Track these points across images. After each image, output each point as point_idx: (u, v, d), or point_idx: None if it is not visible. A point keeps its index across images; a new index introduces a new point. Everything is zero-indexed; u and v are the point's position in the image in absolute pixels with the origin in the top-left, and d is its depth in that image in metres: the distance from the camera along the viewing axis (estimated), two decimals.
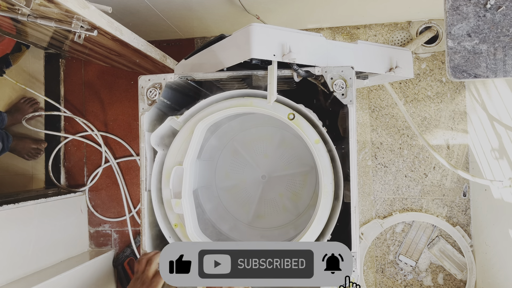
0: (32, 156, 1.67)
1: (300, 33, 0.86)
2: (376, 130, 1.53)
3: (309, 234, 0.82)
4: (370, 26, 1.54)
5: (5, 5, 0.83)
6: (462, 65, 0.78)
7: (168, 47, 1.67)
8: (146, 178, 0.90)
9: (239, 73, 0.88)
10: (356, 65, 0.92)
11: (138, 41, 1.09)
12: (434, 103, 1.50)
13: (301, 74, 0.84)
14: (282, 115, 0.84)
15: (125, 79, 1.68)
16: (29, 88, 1.59)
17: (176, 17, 1.42)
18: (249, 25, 0.82)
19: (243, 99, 0.86)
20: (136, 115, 1.66)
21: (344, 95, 0.82)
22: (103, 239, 1.67)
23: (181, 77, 0.89)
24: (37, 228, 1.37)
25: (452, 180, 1.49)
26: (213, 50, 0.92)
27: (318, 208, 0.82)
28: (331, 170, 0.82)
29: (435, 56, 1.50)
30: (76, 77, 1.71)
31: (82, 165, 1.70)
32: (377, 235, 1.53)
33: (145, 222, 0.90)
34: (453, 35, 0.78)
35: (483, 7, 0.77)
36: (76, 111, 1.70)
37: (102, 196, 1.68)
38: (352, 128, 0.81)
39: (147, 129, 0.90)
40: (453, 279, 1.49)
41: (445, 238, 1.49)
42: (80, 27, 0.88)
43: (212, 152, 1.17)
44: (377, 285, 1.54)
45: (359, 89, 1.54)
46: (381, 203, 1.53)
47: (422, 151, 1.50)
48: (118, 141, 1.67)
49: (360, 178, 1.54)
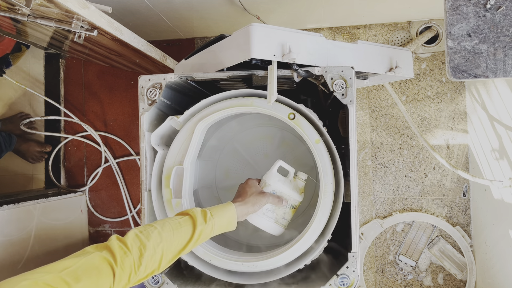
0: (36, 159, 1.67)
1: (300, 33, 0.86)
2: (376, 130, 1.54)
3: (309, 234, 0.82)
4: (370, 26, 1.54)
5: (5, 5, 0.83)
6: (462, 65, 0.78)
7: (168, 47, 1.67)
8: (146, 178, 0.90)
9: (239, 73, 0.88)
10: (356, 65, 0.92)
11: (138, 41, 1.09)
12: (434, 103, 1.50)
13: (301, 74, 0.85)
14: (283, 115, 0.84)
15: (125, 79, 1.68)
16: (29, 88, 1.59)
17: (176, 17, 1.42)
18: (249, 25, 0.82)
19: (243, 99, 0.86)
20: (136, 115, 1.66)
21: (344, 95, 0.82)
22: (103, 239, 1.67)
23: (181, 77, 0.89)
24: (37, 228, 1.37)
25: (452, 180, 1.49)
26: (213, 50, 0.92)
27: (318, 208, 0.82)
28: (331, 170, 0.82)
29: (435, 56, 1.50)
30: (76, 77, 1.71)
31: (82, 165, 1.70)
32: (377, 235, 1.53)
33: (145, 222, 0.90)
34: (453, 35, 0.78)
35: (483, 7, 0.77)
36: (76, 111, 1.69)
37: (102, 196, 1.68)
38: (352, 128, 0.81)
39: (147, 129, 0.90)
40: (453, 279, 1.49)
41: (445, 238, 1.49)
42: (80, 27, 0.88)
43: (212, 152, 1.17)
44: (377, 285, 1.54)
45: (359, 89, 1.54)
46: (381, 203, 1.53)
47: (422, 151, 1.50)
48: (118, 141, 1.67)
49: (360, 178, 1.54)
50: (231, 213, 0.77)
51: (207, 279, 0.92)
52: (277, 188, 0.87)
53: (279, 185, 0.87)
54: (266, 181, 0.88)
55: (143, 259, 0.59)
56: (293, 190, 0.89)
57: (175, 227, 0.66)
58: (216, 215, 0.73)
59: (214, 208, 0.75)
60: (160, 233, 0.63)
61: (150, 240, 0.61)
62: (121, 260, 0.56)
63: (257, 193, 0.84)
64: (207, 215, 0.71)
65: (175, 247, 0.65)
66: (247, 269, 0.86)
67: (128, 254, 0.57)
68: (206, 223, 0.70)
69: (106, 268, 0.54)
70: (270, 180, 0.88)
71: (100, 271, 0.53)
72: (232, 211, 0.77)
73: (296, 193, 0.89)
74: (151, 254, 0.60)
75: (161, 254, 0.62)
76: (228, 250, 0.91)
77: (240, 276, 0.89)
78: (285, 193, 0.88)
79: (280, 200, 0.86)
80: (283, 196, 0.87)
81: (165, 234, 0.64)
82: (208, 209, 0.73)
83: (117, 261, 0.55)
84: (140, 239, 0.60)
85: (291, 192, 0.88)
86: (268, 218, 0.87)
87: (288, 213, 0.89)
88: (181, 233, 0.66)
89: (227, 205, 0.79)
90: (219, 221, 0.73)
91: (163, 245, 0.62)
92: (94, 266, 0.53)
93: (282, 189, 0.88)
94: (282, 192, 0.88)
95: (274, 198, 0.85)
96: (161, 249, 0.62)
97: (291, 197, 0.88)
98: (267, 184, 0.88)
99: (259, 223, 0.87)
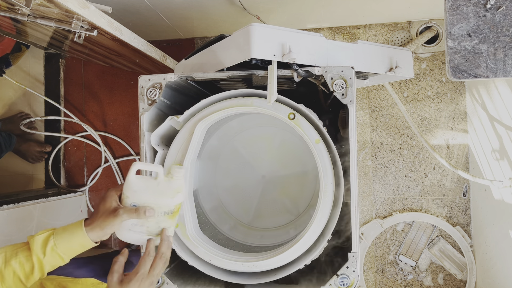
0: (36, 159, 1.67)
1: (300, 33, 0.86)
2: (376, 130, 1.53)
3: (309, 234, 0.82)
4: (370, 26, 1.54)
5: (5, 5, 0.83)
6: (462, 65, 0.78)
7: (168, 47, 1.67)
8: None
9: (239, 73, 0.88)
10: (356, 65, 0.92)
11: (138, 41, 1.09)
12: (434, 103, 1.50)
13: (301, 74, 0.84)
14: (283, 115, 0.84)
15: (125, 79, 1.68)
16: (29, 88, 1.59)
17: (176, 17, 1.42)
18: (249, 25, 0.82)
19: (243, 99, 0.86)
20: (136, 115, 1.66)
21: (344, 95, 0.82)
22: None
23: (181, 77, 0.89)
24: (37, 228, 1.37)
25: (452, 180, 1.49)
26: (213, 50, 0.92)
27: (318, 208, 0.82)
28: (331, 170, 0.82)
29: (435, 56, 1.50)
30: (76, 77, 1.71)
31: (82, 165, 1.70)
32: (377, 235, 1.53)
33: None
34: (453, 35, 0.78)
35: (483, 7, 0.77)
36: (76, 111, 1.69)
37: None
38: (352, 128, 0.81)
39: (147, 129, 0.89)
40: (453, 279, 1.49)
41: (445, 238, 1.49)
42: (80, 27, 0.88)
43: (212, 152, 1.17)
44: (377, 285, 1.54)
45: (359, 89, 1.54)
46: (381, 203, 1.53)
47: (422, 151, 1.50)
48: (118, 141, 1.67)
49: (360, 178, 1.54)
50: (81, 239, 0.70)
51: (207, 279, 0.92)
52: (137, 199, 0.72)
53: (139, 195, 0.72)
54: (124, 192, 0.73)
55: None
56: (160, 196, 0.71)
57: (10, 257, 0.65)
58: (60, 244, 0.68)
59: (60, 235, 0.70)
60: None
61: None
62: None
63: (108, 213, 0.70)
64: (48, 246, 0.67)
65: None
66: (247, 269, 0.85)
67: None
68: (45, 255, 0.66)
69: None
70: (127, 191, 0.73)
71: None
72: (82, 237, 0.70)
73: (167, 197, 0.72)
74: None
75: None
76: (228, 250, 0.91)
77: (240, 276, 0.89)
78: (151, 202, 0.71)
79: (142, 213, 0.69)
80: (148, 205, 0.71)
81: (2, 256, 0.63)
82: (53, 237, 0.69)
83: None
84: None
85: (157, 199, 0.71)
86: (137, 233, 0.73)
87: (164, 220, 0.73)
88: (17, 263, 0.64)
89: (76, 229, 0.71)
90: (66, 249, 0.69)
91: None
92: None
93: (145, 198, 0.71)
94: (146, 202, 0.71)
95: (131, 214, 0.69)
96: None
97: (161, 204, 0.71)
98: (125, 196, 0.73)
99: (129, 239, 0.75)
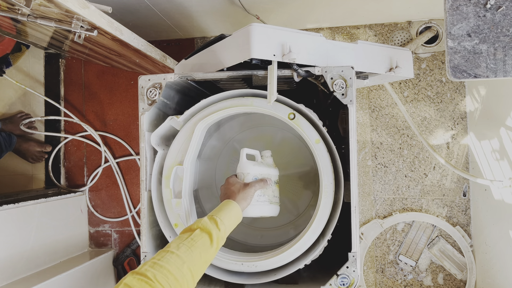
0: (36, 159, 1.67)
1: (300, 33, 0.86)
2: (376, 130, 1.53)
3: (309, 234, 0.82)
4: (370, 26, 1.54)
5: (5, 5, 0.83)
6: (462, 65, 0.78)
7: (168, 47, 1.67)
8: (146, 178, 0.90)
9: (239, 73, 0.88)
10: (356, 65, 0.92)
11: (138, 41, 1.09)
12: (434, 103, 1.50)
13: (301, 74, 0.85)
14: (283, 115, 0.84)
15: (125, 79, 1.68)
16: (29, 88, 1.59)
17: (176, 17, 1.42)
18: (249, 25, 0.82)
19: (243, 99, 0.86)
20: (136, 115, 1.67)
21: (344, 95, 0.82)
22: (103, 239, 1.67)
23: (181, 77, 0.89)
24: (37, 228, 1.37)
25: (452, 180, 1.49)
26: (213, 50, 0.92)
27: (318, 208, 0.82)
28: (331, 170, 0.82)
29: (435, 56, 1.50)
30: (76, 77, 1.71)
31: (82, 165, 1.70)
32: (377, 235, 1.53)
33: (145, 222, 0.90)
34: (453, 35, 0.78)
35: (483, 7, 0.77)
36: (76, 111, 1.69)
37: (102, 196, 1.68)
38: (352, 128, 0.81)
39: (147, 129, 0.90)
40: (453, 279, 1.49)
41: (445, 238, 1.49)
42: (80, 27, 0.88)
43: (212, 152, 1.17)
44: (377, 285, 1.54)
45: (359, 89, 1.54)
46: (381, 203, 1.53)
47: (422, 151, 1.50)
48: (118, 141, 1.67)
49: (360, 178, 1.54)
50: (236, 210, 0.79)
51: (207, 279, 0.92)
52: (256, 172, 0.90)
53: (256, 169, 0.91)
54: (243, 171, 0.91)
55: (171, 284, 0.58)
56: (269, 168, 0.94)
57: (190, 245, 0.66)
58: (225, 218, 0.74)
59: (219, 212, 0.76)
60: (179, 256, 0.63)
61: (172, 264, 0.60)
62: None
63: (243, 188, 0.85)
64: (218, 222, 0.72)
65: (200, 262, 0.65)
66: (247, 269, 0.85)
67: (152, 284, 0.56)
68: (220, 230, 0.71)
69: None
70: (247, 169, 0.90)
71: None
72: (237, 208, 0.79)
73: (272, 168, 0.95)
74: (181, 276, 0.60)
75: (190, 273, 0.62)
76: (228, 250, 0.91)
77: (240, 276, 0.89)
78: (265, 173, 0.92)
79: (265, 181, 0.89)
80: (264, 177, 0.91)
81: (183, 254, 0.64)
82: (214, 216, 0.74)
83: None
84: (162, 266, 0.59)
85: (268, 170, 0.93)
86: (263, 203, 0.90)
87: (275, 189, 0.94)
88: (198, 247, 0.66)
89: (229, 203, 0.79)
90: (228, 222, 0.75)
91: (188, 265, 0.62)
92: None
93: (260, 171, 0.91)
94: (262, 174, 0.91)
95: (259, 183, 0.88)
96: (188, 269, 0.62)
97: (271, 174, 0.93)
98: (246, 174, 0.90)
99: (257, 212, 0.89)
